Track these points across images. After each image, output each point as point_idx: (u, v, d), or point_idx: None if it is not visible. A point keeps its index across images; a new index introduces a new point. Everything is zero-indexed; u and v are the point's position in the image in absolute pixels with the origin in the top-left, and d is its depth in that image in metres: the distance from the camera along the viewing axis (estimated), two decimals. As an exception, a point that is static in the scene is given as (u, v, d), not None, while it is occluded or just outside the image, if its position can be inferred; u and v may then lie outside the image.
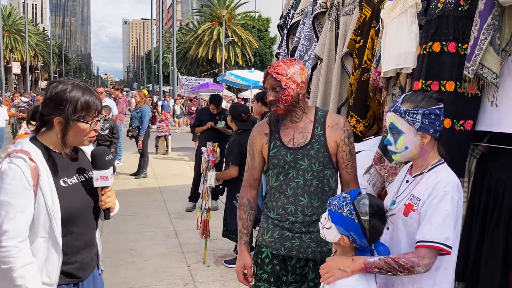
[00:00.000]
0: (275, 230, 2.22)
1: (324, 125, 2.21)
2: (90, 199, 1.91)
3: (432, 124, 1.86)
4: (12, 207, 1.65)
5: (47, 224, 1.73)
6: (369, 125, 3.74)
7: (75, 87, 1.79)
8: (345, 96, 4.27)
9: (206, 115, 6.82)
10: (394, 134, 1.92)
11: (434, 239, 1.72)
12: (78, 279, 1.90)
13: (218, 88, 20.87)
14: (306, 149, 2.17)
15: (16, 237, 1.66)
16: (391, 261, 1.73)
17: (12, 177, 1.66)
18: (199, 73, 42.81)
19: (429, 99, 1.90)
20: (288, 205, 2.19)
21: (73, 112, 1.76)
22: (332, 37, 4.37)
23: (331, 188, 2.23)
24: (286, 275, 2.25)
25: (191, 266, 4.60)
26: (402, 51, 2.95)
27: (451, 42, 2.61)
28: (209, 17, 46.42)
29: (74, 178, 1.87)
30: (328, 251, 2.20)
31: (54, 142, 1.83)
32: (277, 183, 2.22)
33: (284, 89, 2.11)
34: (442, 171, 1.87)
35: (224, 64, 36.68)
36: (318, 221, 2.18)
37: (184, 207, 6.77)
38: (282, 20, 5.79)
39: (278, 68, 2.11)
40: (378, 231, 1.79)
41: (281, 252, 2.21)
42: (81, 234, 1.88)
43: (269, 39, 47.42)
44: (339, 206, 1.80)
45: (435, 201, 1.77)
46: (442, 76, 2.65)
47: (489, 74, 2.39)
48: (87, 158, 2.00)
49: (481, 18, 2.38)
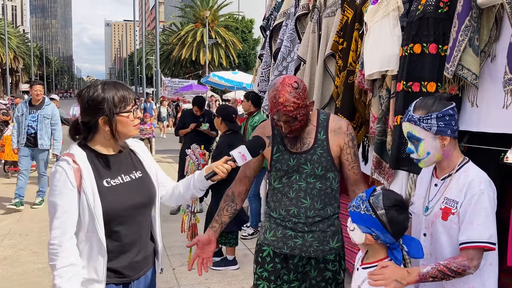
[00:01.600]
0: (278, 229, 2.24)
1: (327, 130, 2.22)
2: (137, 199, 1.94)
3: (448, 125, 1.85)
4: (59, 207, 1.76)
5: (91, 223, 1.79)
6: (357, 127, 3.77)
7: (106, 85, 1.86)
8: (328, 98, 4.29)
9: (190, 117, 6.78)
10: (413, 142, 1.92)
11: (479, 239, 1.73)
12: (128, 279, 1.94)
13: (202, 90, 20.82)
14: (309, 153, 2.18)
15: (62, 235, 1.75)
16: (443, 268, 1.73)
17: (58, 179, 1.77)
18: (182, 75, 42.61)
19: (440, 101, 1.89)
20: (291, 207, 2.20)
21: (113, 107, 1.84)
22: (314, 39, 4.39)
23: (333, 190, 2.25)
24: (287, 274, 2.26)
25: (175, 270, 4.57)
26: (385, 54, 2.98)
27: (431, 43, 2.64)
28: (192, 19, 46.27)
29: (118, 179, 1.91)
30: (330, 249, 2.22)
31: (102, 143, 1.90)
32: (280, 185, 2.23)
33: (300, 121, 2.10)
34: (471, 170, 1.86)
35: (208, 65, 36.58)
36: (320, 222, 2.20)
37: (168, 209, 6.73)
38: (264, 22, 5.81)
39: (289, 104, 2.04)
40: (399, 223, 1.77)
41: (284, 250, 2.22)
42: (127, 233, 1.91)
43: (253, 40, 47.46)
44: (357, 205, 1.83)
45: (474, 201, 1.76)
46: (423, 77, 2.68)
47: (469, 75, 2.43)
48: (137, 158, 2.06)
49: (459, 19, 2.41)
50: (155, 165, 2.16)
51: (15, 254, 4.98)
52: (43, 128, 6.68)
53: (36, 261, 4.76)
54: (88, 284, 1.83)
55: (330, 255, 2.23)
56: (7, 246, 5.25)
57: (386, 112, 3.16)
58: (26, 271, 4.51)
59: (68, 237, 1.77)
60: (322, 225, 2.20)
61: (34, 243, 5.31)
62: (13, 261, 4.79)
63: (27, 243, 5.32)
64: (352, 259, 4.17)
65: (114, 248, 1.88)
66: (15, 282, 4.25)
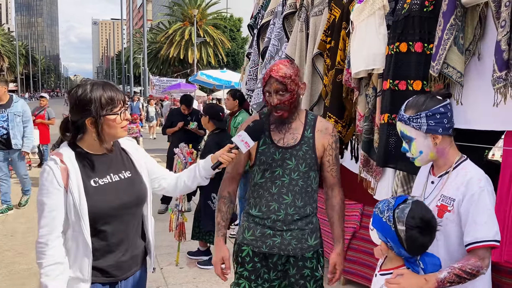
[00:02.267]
0: (256, 228, 2.24)
1: (314, 129, 2.25)
2: (124, 198, 1.93)
3: (439, 124, 1.83)
4: (46, 206, 1.77)
5: (77, 222, 1.80)
6: (346, 125, 3.78)
7: (95, 85, 1.85)
8: (317, 96, 4.30)
9: (177, 116, 6.74)
10: (407, 141, 1.92)
11: (486, 238, 1.71)
12: (115, 278, 1.93)
13: (190, 89, 20.73)
14: (294, 149, 2.20)
15: (49, 233, 1.77)
16: (459, 271, 1.69)
17: (45, 178, 1.79)
18: (171, 73, 42.43)
19: (432, 99, 1.86)
20: (272, 202, 2.21)
21: (100, 108, 1.82)
22: (302, 38, 4.39)
23: (313, 189, 2.26)
24: (267, 272, 2.26)
25: (163, 269, 4.55)
26: (371, 52, 3.00)
27: (417, 42, 2.66)
28: (180, 17, 46.08)
29: (107, 178, 1.91)
30: (308, 247, 2.24)
31: (91, 143, 1.89)
32: (262, 179, 2.24)
33: (290, 92, 2.13)
34: (468, 168, 1.84)
35: (196, 64, 36.46)
36: (299, 220, 2.20)
37: (156, 209, 6.69)
38: (252, 20, 5.80)
39: (281, 71, 2.11)
40: (417, 244, 1.71)
41: (263, 249, 2.23)
42: (114, 232, 1.90)
43: (242, 39, 47.41)
44: (382, 210, 1.76)
45: (475, 200, 1.74)
46: (409, 76, 2.70)
47: (454, 73, 2.45)
48: (128, 157, 2.05)
49: (444, 18, 2.44)
50: (150, 161, 2.15)
51: (0, 255, 4.92)
52: (15, 127, 6.30)
53: (22, 262, 4.70)
54: (73, 283, 1.83)
55: (308, 252, 2.24)
56: (-7, 247, 5.19)
57: (372, 110, 3.18)
58: (11, 272, 4.46)
59: (55, 236, 1.78)
60: (301, 223, 2.22)
61: (19, 244, 5.25)
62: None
63: (12, 244, 5.26)
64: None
65: (101, 247, 1.87)
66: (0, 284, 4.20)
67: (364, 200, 4.00)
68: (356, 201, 4.13)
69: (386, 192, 3.27)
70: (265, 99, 2.20)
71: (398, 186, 3.01)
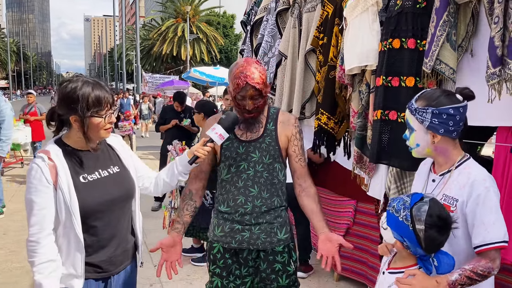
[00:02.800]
0: (226, 224, 2.26)
1: (276, 121, 2.27)
2: (114, 193, 1.94)
3: (443, 124, 1.76)
4: (35, 204, 1.76)
5: (68, 219, 1.80)
6: (339, 122, 3.79)
7: (85, 84, 1.83)
8: (309, 93, 4.30)
9: (171, 113, 6.72)
10: (409, 130, 1.88)
11: (496, 239, 1.67)
12: (108, 273, 1.95)
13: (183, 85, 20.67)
14: (258, 142, 2.23)
15: (40, 232, 1.76)
16: (471, 273, 1.66)
17: (33, 176, 1.77)
18: (163, 70, 42.24)
19: (447, 97, 1.77)
20: (239, 196, 2.22)
21: (86, 109, 1.81)
22: (295, 34, 4.39)
23: (279, 181, 2.27)
24: (238, 268, 2.28)
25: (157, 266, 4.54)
26: (365, 48, 3.00)
27: (410, 38, 2.67)
28: (173, 13, 45.89)
29: (96, 174, 1.91)
30: (278, 241, 2.24)
31: (76, 140, 1.88)
32: (228, 175, 2.26)
33: (264, 97, 2.16)
34: (472, 167, 1.79)
35: (189, 61, 36.35)
36: (267, 212, 2.21)
37: (149, 206, 6.67)
38: (245, 17, 5.78)
39: (254, 76, 2.11)
40: (435, 243, 1.69)
41: (232, 245, 2.24)
42: (105, 227, 1.91)
43: (235, 35, 47.31)
44: (397, 209, 1.72)
45: (481, 201, 1.70)
46: (402, 72, 2.71)
47: (447, 69, 2.46)
48: (115, 152, 2.06)
49: (437, 15, 2.44)
50: (135, 158, 2.15)
51: (-7, 254, 4.89)
52: None
53: (14, 260, 4.67)
54: (67, 279, 1.84)
55: (278, 246, 2.24)
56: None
57: (366, 106, 3.18)
58: (3, 270, 4.43)
59: (45, 234, 1.78)
60: (269, 217, 2.22)
61: (12, 242, 5.22)
62: None
63: (5, 242, 5.22)
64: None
65: (93, 243, 1.88)
66: None
67: (357, 197, 4.01)
68: (350, 197, 4.14)
69: (380, 189, 3.29)
70: (236, 103, 2.18)
71: (392, 183, 3.02)
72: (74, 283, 1.84)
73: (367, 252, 3.84)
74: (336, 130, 3.80)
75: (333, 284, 4.15)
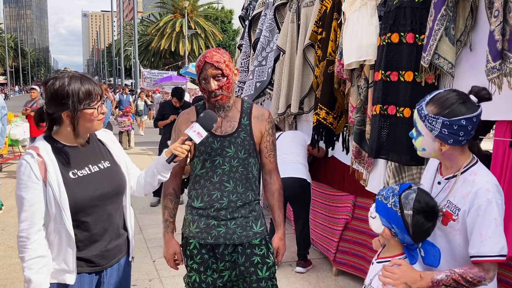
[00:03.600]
0: (201, 220, 2.26)
1: (250, 116, 2.28)
2: (105, 188, 1.94)
3: (452, 135, 1.67)
4: (25, 200, 1.77)
5: (58, 215, 1.80)
6: (338, 117, 3.78)
7: (72, 79, 1.82)
8: (308, 88, 4.30)
9: (169, 109, 6.72)
10: (415, 131, 1.80)
11: (491, 253, 1.63)
12: (100, 267, 1.95)
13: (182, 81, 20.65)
14: (233, 137, 2.23)
15: (30, 227, 1.77)
16: (458, 277, 1.63)
17: (23, 173, 1.78)
18: (162, 66, 42.19)
19: (462, 105, 1.66)
20: (214, 191, 2.23)
21: (78, 103, 1.81)
22: (293, 29, 4.38)
23: (254, 176, 2.29)
24: (215, 262, 2.28)
25: (156, 261, 4.54)
26: (363, 43, 2.99)
27: (409, 33, 2.66)
28: (171, 9, 45.74)
29: (85, 169, 1.91)
30: (254, 234, 2.25)
31: (67, 135, 1.88)
32: (203, 170, 2.26)
33: (226, 76, 2.17)
34: (478, 174, 1.71)
35: (187, 56, 36.25)
36: (242, 207, 2.22)
37: (148, 202, 6.68)
38: (243, 12, 5.77)
39: (216, 57, 2.14)
40: (422, 230, 1.70)
41: (208, 241, 2.25)
42: (97, 222, 1.91)
43: (233, 31, 47.21)
44: (386, 196, 1.75)
45: (481, 212, 1.64)
46: (401, 67, 2.70)
47: (445, 63, 2.45)
48: (105, 147, 2.06)
49: (435, 9, 2.43)
50: (124, 155, 2.15)
51: (-8, 250, 4.89)
52: None
53: (13, 256, 4.67)
54: (59, 274, 1.84)
55: (255, 239, 2.25)
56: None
57: (364, 101, 3.18)
58: (2, 266, 4.43)
59: (36, 230, 1.78)
60: (244, 211, 2.24)
61: (10, 238, 5.21)
62: None
63: (4, 238, 5.22)
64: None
65: (84, 238, 1.89)
66: None
67: (356, 192, 4.01)
68: (348, 192, 4.14)
69: (378, 183, 3.29)
70: (201, 88, 2.21)
71: (390, 177, 3.03)
72: (66, 278, 1.85)
73: (366, 247, 3.84)
74: (335, 125, 3.80)
75: (331, 279, 4.16)
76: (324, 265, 4.46)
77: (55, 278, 1.84)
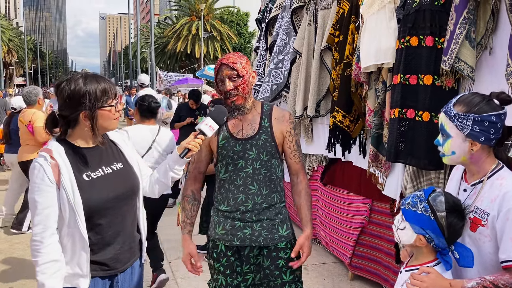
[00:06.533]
0: (226, 222, 2.26)
1: (271, 117, 2.29)
2: (119, 190, 1.92)
3: (483, 132, 1.66)
4: (39, 203, 1.75)
5: (72, 218, 1.78)
6: (354, 120, 3.76)
7: (87, 79, 1.82)
8: (325, 90, 4.28)
9: (186, 111, 6.78)
10: (442, 135, 1.77)
11: None
12: (114, 271, 1.94)
13: (197, 83, 20.73)
14: (254, 139, 2.23)
15: (44, 231, 1.75)
16: (490, 284, 1.59)
17: (36, 176, 1.76)
18: (178, 68, 42.45)
19: (488, 103, 1.68)
20: (239, 194, 2.23)
21: (95, 101, 1.81)
22: (310, 32, 4.37)
23: (277, 177, 2.29)
24: (240, 265, 2.28)
25: (171, 262, 4.56)
26: (382, 46, 2.97)
27: (428, 36, 2.63)
28: (187, 12, 46.04)
29: (99, 171, 1.89)
30: (280, 237, 2.24)
31: (82, 137, 1.88)
32: (226, 174, 2.27)
33: (242, 77, 2.18)
34: (505, 178, 1.69)
35: (203, 58, 36.42)
36: (267, 209, 2.21)
37: (164, 203, 6.72)
38: (260, 14, 5.78)
39: (231, 59, 2.18)
40: (456, 229, 1.68)
41: (234, 243, 2.25)
42: (110, 225, 1.90)
43: (248, 33, 47.30)
44: (413, 204, 1.72)
45: (511, 215, 1.60)
46: (420, 70, 2.68)
47: (465, 67, 2.43)
48: (118, 149, 2.04)
49: (457, 12, 2.41)
50: (137, 156, 2.14)
51: (11, 248, 4.96)
52: None
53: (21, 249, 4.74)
54: (72, 279, 1.83)
55: (280, 243, 2.24)
56: (2, 239, 5.24)
57: (382, 105, 3.16)
58: (23, 265, 4.50)
59: (49, 233, 1.76)
60: (270, 213, 2.23)
61: (29, 236, 5.29)
62: (7, 254, 4.77)
63: (23, 236, 5.30)
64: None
65: (98, 241, 1.87)
66: (10, 276, 4.24)
67: (372, 196, 3.98)
68: (365, 196, 4.11)
69: (395, 188, 3.26)
70: (218, 90, 2.24)
71: (408, 182, 3.00)
72: (80, 283, 1.83)
73: (382, 252, 3.81)
74: (352, 128, 3.78)
75: (347, 283, 4.13)
76: (339, 269, 4.43)
77: (69, 283, 1.81)
